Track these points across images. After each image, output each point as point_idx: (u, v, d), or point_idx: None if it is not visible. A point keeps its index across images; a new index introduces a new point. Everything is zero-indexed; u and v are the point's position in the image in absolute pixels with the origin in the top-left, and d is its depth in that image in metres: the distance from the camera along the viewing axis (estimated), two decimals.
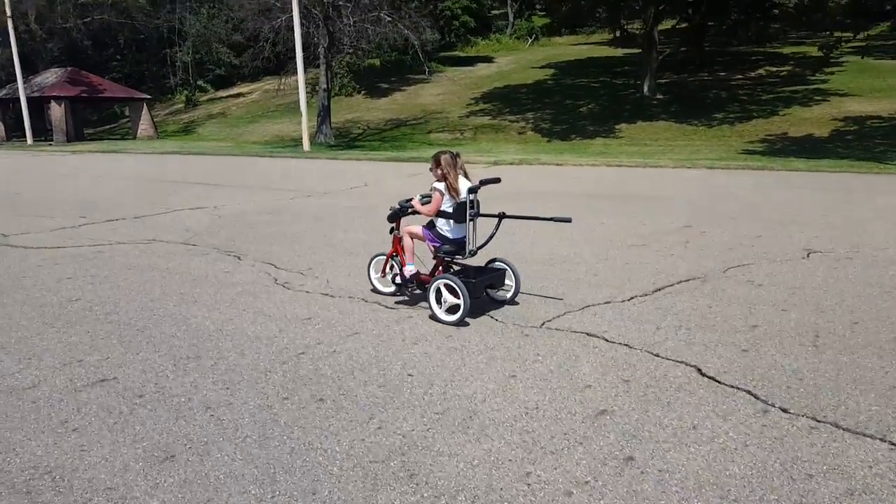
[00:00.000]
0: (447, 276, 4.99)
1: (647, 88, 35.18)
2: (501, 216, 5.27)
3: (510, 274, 5.35)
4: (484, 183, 5.14)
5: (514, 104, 38.33)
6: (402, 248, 5.45)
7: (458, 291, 4.76)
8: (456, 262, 5.42)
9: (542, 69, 45.60)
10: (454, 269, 5.46)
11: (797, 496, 2.66)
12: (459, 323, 4.85)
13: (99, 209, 11.11)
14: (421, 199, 5.32)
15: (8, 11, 33.76)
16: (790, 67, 37.28)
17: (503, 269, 5.38)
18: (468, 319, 4.89)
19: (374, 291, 5.84)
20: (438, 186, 5.14)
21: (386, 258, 5.67)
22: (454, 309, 4.86)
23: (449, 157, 5.11)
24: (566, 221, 5.12)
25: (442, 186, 5.12)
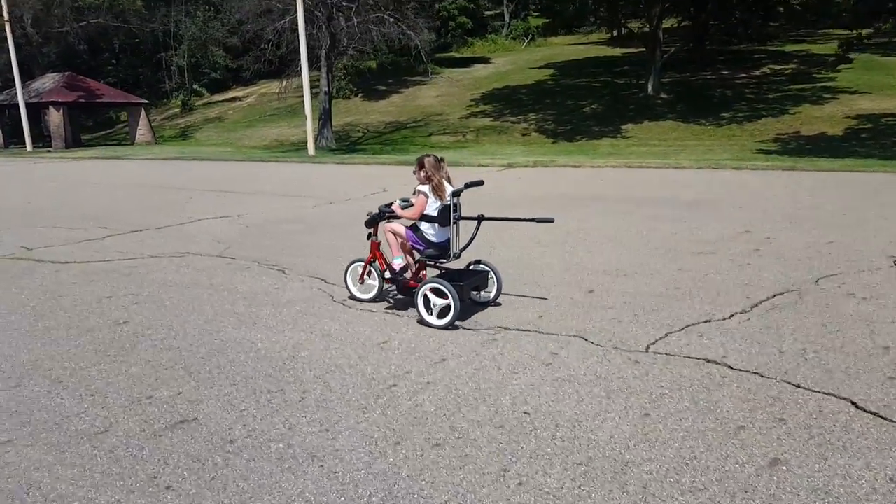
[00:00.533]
0: (435, 279, 4.94)
1: (651, 87, 34.84)
2: (480, 218, 5.27)
3: (492, 276, 5.38)
4: (468, 186, 5.17)
5: (514, 105, 37.94)
6: (380, 252, 5.51)
7: (446, 294, 4.74)
8: (439, 265, 5.38)
9: (540, 69, 45.24)
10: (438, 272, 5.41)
11: None
12: (449, 326, 4.79)
13: (117, 219, 10.61)
14: (401, 203, 5.31)
15: (6, 16, 33.08)
16: (795, 65, 37.08)
17: (486, 270, 5.41)
18: (562, 346, 4.46)
19: (351, 299, 5.73)
20: (423, 189, 5.13)
21: (364, 264, 5.59)
22: (444, 312, 4.82)
23: (433, 159, 5.15)
24: (549, 221, 5.19)
25: (427, 189, 5.11)
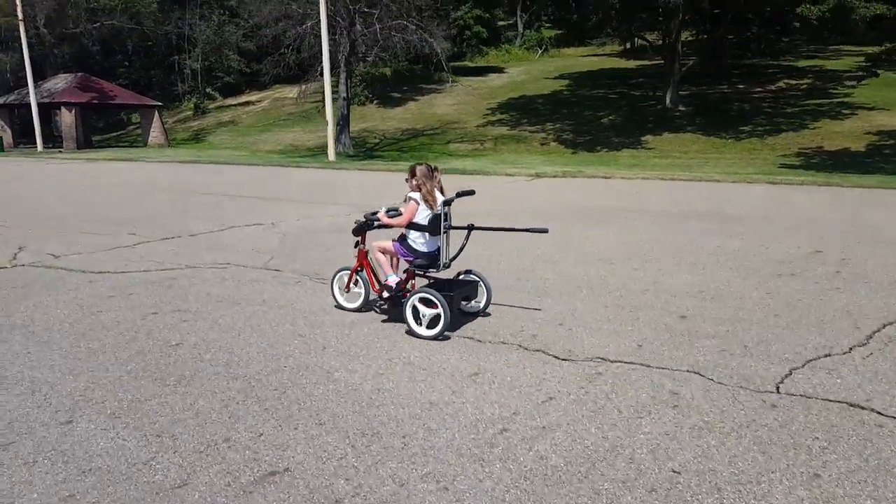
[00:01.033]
0: (424, 289, 4.87)
1: (669, 100, 34.51)
2: (470, 228, 5.21)
3: (482, 286, 5.33)
4: (459, 195, 5.13)
5: (531, 115, 37.65)
6: (370, 266, 5.40)
7: (435, 304, 4.68)
8: (428, 275, 5.28)
9: (555, 80, 45.01)
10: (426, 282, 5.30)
11: None
12: (439, 336, 4.73)
13: (146, 225, 10.15)
14: (387, 211, 5.27)
15: (19, 15, 32.80)
16: (810, 80, 36.73)
17: (476, 280, 5.35)
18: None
19: (337, 307, 5.63)
20: (414, 196, 5.10)
21: (350, 273, 5.49)
22: (434, 322, 4.75)
23: (425, 168, 5.13)
24: (543, 232, 5.13)
25: (418, 196, 5.08)
